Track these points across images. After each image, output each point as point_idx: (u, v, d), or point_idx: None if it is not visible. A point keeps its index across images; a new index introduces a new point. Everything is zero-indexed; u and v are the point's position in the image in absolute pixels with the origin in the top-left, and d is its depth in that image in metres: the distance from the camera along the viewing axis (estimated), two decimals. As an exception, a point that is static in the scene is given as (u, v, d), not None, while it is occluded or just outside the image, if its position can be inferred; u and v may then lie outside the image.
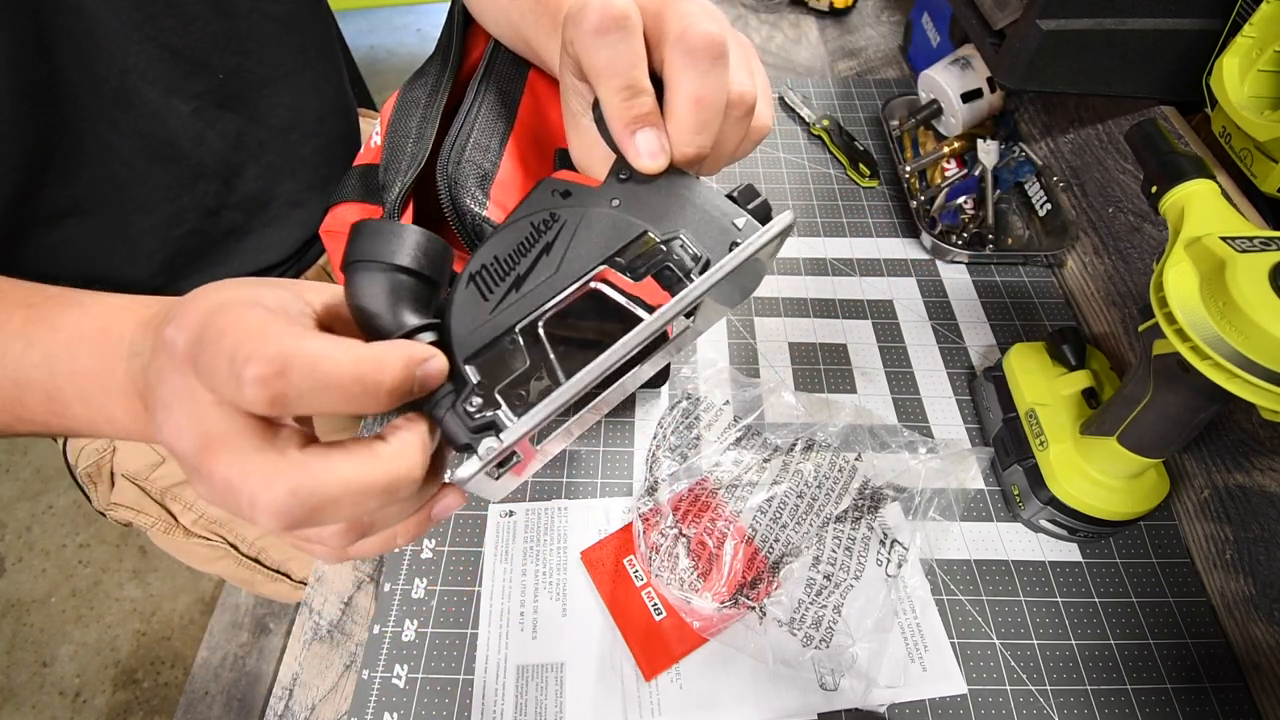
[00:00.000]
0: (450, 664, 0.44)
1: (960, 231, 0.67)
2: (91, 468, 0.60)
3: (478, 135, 0.39)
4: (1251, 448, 0.44)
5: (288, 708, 0.43)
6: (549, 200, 0.27)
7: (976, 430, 0.55)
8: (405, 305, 0.24)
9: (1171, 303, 0.34)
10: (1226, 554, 0.45)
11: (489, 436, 0.23)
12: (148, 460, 0.60)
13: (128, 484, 0.60)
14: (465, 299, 0.25)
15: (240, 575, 0.65)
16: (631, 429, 0.54)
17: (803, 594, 0.44)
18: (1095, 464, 0.45)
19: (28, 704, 1.19)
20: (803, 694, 0.42)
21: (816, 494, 0.49)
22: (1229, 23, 0.46)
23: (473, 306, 0.25)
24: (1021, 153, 0.69)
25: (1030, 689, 0.43)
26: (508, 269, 0.26)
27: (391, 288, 0.24)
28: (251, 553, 0.64)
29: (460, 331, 0.25)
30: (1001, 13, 0.54)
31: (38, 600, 1.30)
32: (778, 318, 0.62)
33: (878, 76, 0.87)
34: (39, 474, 1.46)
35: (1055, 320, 0.62)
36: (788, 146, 0.78)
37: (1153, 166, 0.40)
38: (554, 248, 0.26)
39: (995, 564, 0.48)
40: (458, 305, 0.25)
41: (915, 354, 0.59)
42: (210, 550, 0.64)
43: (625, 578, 0.47)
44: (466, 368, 0.24)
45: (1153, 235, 0.54)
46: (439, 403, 0.24)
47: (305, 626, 0.46)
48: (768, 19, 0.97)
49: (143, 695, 1.18)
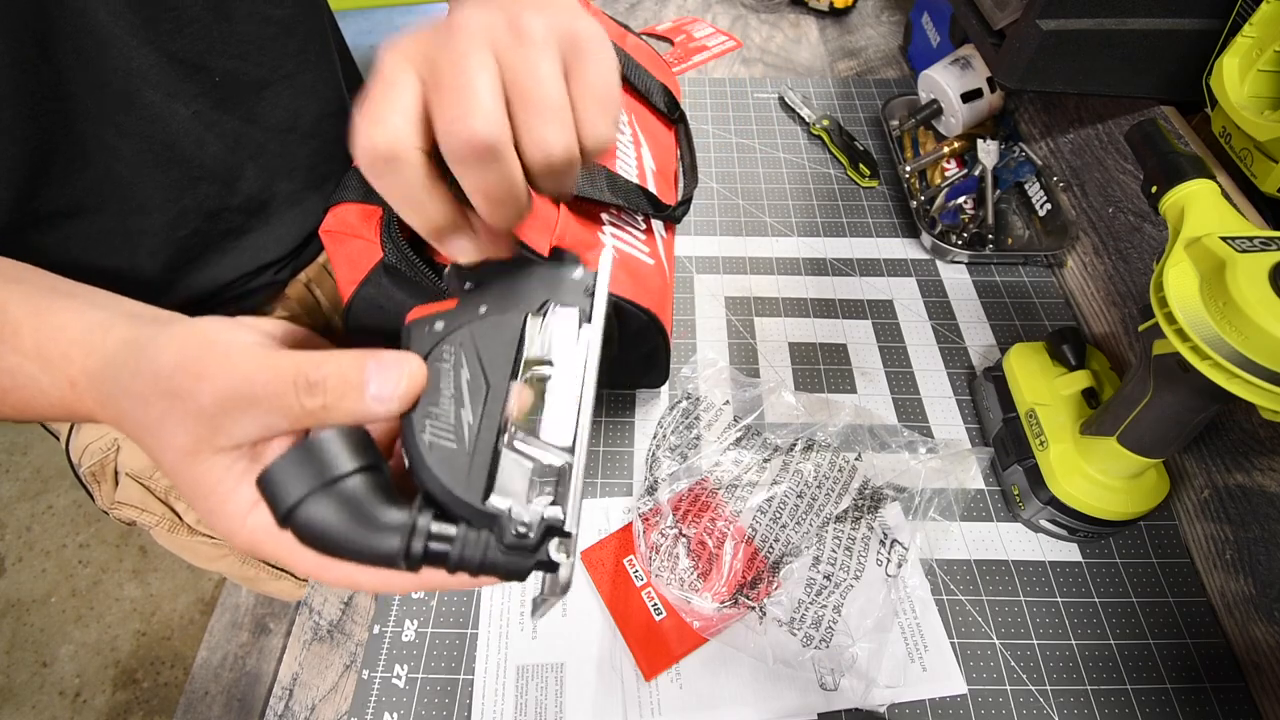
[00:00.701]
0: (450, 664, 0.44)
1: (960, 231, 0.67)
2: (95, 467, 0.60)
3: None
4: (1251, 448, 0.44)
5: (288, 708, 0.43)
6: (430, 338, 0.27)
7: (976, 430, 0.55)
8: (372, 506, 0.22)
9: (1171, 303, 0.34)
10: (1226, 554, 0.45)
11: (552, 540, 0.23)
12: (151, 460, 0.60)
13: (132, 483, 0.61)
14: (437, 459, 0.24)
15: (244, 573, 0.66)
16: (631, 429, 0.54)
17: (803, 594, 0.44)
18: (1095, 464, 0.45)
19: (28, 704, 1.19)
20: (803, 694, 0.42)
21: (816, 494, 0.49)
22: (1229, 23, 0.46)
23: (447, 459, 0.24)
24: (1021, 153, 0.69)
25: (1030, 689, 0.43)
26: (449, 411, 0.25)
27: (345, 503, 0.22)
28: None
29: (457, 486, 0.23)
30: (1001, 13, 0.54)
31: (38, 600, 1.30)
32: (778, 318, 0.62)
33: (878, 76, 0.87)
34: (39, 474, 1.46)
35: (1055, 320, 0.62)
36: (788, 146, 0.78)
37: (1153, 166, 0.40)
38: (468, 370, 0.26)
39: (995, 564, 0.48)
40: (435, 468, 0.23)
41: (915, 354, 0.59)
42: (213, 549, 0.64)
43: (625, 578, 0.47)
44: (493, 501, 0.23)
45: (1153, 235, 0.54)
46: (476, 557, 0.23)
47: (305, 626, 0.46)
48: (768, 19, 0.97)
49: (143, 695, 1.18)
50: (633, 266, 0.48)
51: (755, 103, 0.83)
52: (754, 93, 0.84)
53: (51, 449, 1.49)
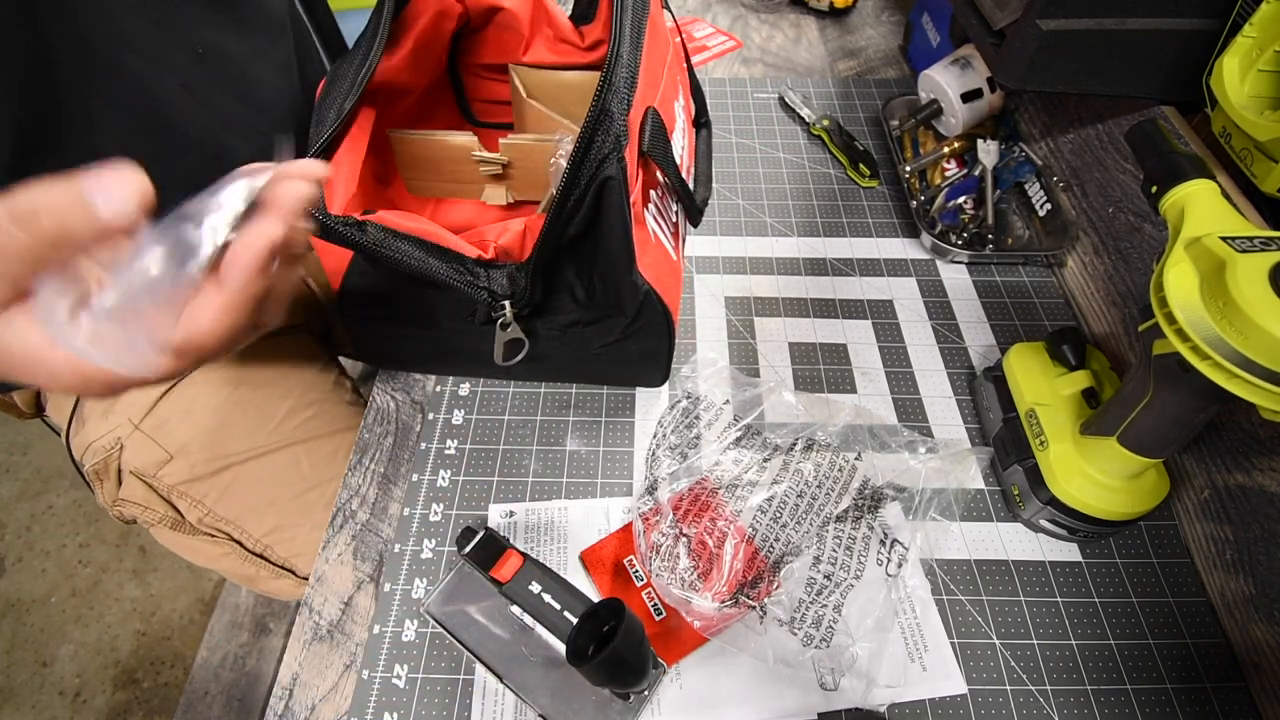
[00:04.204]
0: (450, 664, 0.44)
1: (960, 231, 0.67)
2: (99, 465, 0.61)
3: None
4: (1251, 448, 0.44)
5: (288, 708, 0.43)
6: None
7: (976, 430, 0.55)
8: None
9: (1171, 303, 0.34)
10: (1226, 554, 0.45)
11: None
12: (155, 458, 0.61)
13: (136, 481, 0.61)
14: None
15: (245, 572, 0.66)
16: (631, 429, 0.54)
17: (803, 593, 0.44)
18: (1095, 464, 0.45)
19: (28, 704, 1.19)
20: (803, 694, 0.42)
21: (816, 493, 0.49)
22: (1229, 23, 0.46)
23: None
24: (1021, 153, 0.69)
25: (1030, 689, 0.43)
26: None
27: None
28: (257, 549, 0.64)
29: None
30: (1001, 13, 0.54)
31: (38, 600, 1.30)
32: (778, 318, 0.62)
33: (878, 76, 0.87)
34: (39, 474, 1.46)
35: (1055, 320, 0.62)
36: (788, 146, 0.78)
37: (1153, 166, 0.40)
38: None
39: (995, 564, 0.48)
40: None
41: (915, 354, 0.59)
42: (215, 547, 0.64)
43: (625, 578, 0.47)
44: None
45: (1153, 235, 0.54)
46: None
47: (305, 626, 0.46)
48: (768, 19, 0.97)
49: (143, 695, 1.18)
50: (662, 258, 0.48)
51: (755, 103, 0.83)
52: (754, 93, 0.84)
53: (51, 449, 1.48)
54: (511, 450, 0.53)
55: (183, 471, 0.61)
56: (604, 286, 0.46)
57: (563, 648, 0.35)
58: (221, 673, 1.09)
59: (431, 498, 0.51)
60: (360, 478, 0.52)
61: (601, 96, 0.38)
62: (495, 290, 0.42)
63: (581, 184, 0.38)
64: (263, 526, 0.63)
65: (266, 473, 0.63)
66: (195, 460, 0.61)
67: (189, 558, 0.67)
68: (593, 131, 0.38)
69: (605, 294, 0.46)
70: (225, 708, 1.08)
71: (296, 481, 0.64)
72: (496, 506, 0.50)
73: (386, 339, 0.54)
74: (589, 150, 0.38)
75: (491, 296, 0.42)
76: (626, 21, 0.43)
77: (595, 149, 0.38)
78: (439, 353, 0.55)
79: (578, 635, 0.35)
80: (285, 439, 0.64)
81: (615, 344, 0.50)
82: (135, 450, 0.61)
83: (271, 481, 0.63)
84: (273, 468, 0.63)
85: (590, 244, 0.43)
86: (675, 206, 0.53)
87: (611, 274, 0.44)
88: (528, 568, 0.40)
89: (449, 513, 0.50)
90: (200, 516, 0.62)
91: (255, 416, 0.64)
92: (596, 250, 0.43)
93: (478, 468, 0.52)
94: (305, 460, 0.64)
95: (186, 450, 0.61)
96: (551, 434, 0.54)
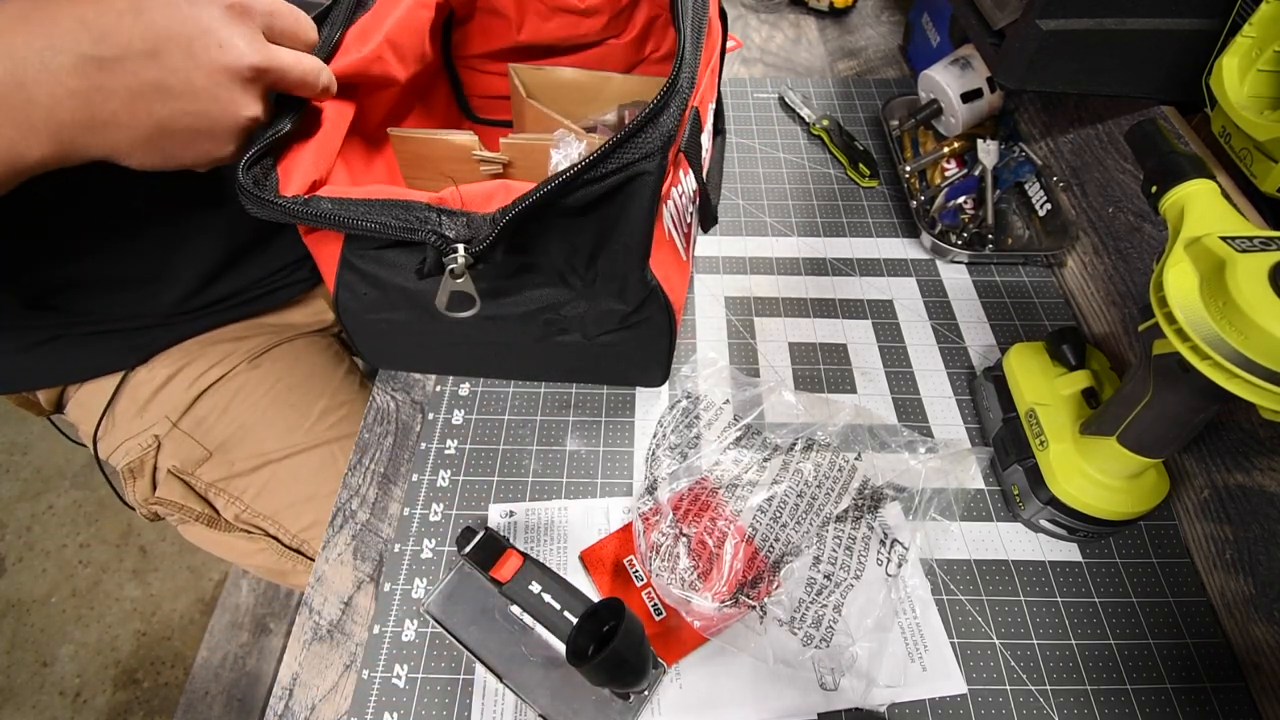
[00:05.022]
0: (450, 664, 0.44)
1: (960, 231, 0.67)
2: (134, 463, 0.62)
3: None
4: (1251, 448, 0.44)
5: (288, 708, 0.43)
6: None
7: (976, 430, 0.55)
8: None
9: (1171, 303, 0.34)
10: (1226, 554, 0.45)
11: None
12: (194, 455, 0.63)
13: (174, 479, 0.63)
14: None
15: (280, 567, 0.67)
16: (631, 429, 0.54)
17: (803, 593, 0.44)
18: (1095, 464, 0.45)
19: (28, 704, 1.19)
20: (803, 694, 0.42)
21: (816, 493, 0.49)
22: (1229, 23, 0.46)
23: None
24: (1021, 153, 0.69)
25: (1030, 689, 0.43)
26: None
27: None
28: (295, 544, 0.65)
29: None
30: (1001, 13, 0.54)
31: (38, 600, 1.30)
32: (778, 318, 0.62)
33: (878, 76, 0.87)
34: (39, 474, 1.46)
35: (1055, 320, 0.62)
36: (788, 146, 0.78)
37: (1153, 166, 0.40)
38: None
39: (995, 564, 0.48)
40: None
41: (915, 354, 0.59)
42: (250, 543, 0.65)
43: (625, 578, 0.47)
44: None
45: (1153, 235, 0.54)
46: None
47: (305, 626, 0.46)
48: (768, 19, 0.97)
49: (143, 695, 1.18)
50: (672, 256, 0.48)
51: (755, 103, 0.83)
52: (754, 93, 0.84)
53: (52, 449, 1.49)
54: (511, 450, 0.53)
55: (222, 468, 0.63)
56: (609, 273, 0.45)
57: (563, 648, 0.35)
58: (222, 673, 1.09)
59: (431, 498, 0.51)
60: (360, 478, 0.52)
61: (665, 96, 0.38)
62: (445, 233, 0.38)
63: (610, 167, 0.37)
64: (300, 522, 0.65)
65: (304, 470, 0.65)
66: (235, 457, 0.63)
67: (220, 554, 0.69)
68: (644, 124, 0.37)
69: (608, 281, 0.45)
70: (225, 708, 1.08)
71: (334, 478, 0.65)
72: (496, 506, 0.50)
73: (380, 334, 0.53)
74: (633, 139, 0.37)
75: (440, 240, 0.38)
76: (688, 22, 0.43)
77: (641, 140, 0.37)
78: (437, 348, 0.54)
79: (578, 635, 0.35)
80: (320, 437, 0.66)
81: (613, 333, 0.49)
82: (174, 448, 0.62)
83: (309, 479, 0.65)
84: (309, 465, 0.65)
85: (596, 227, 0.41)
86: (691, 208, 0.53)
87: (620, 264, 0.44)
88: (528, 568, 0.40)
89: (449, 513, 0.50)
90: (238, 513, 0.64)
91: (291, 416, 0.66)
92: (608, 237, 0.42)
93: (478, 468, 0.52)
94: (340, 458, 0.66)
95: (225, 447, 0.63)
96: (551, 434, 0.54)
